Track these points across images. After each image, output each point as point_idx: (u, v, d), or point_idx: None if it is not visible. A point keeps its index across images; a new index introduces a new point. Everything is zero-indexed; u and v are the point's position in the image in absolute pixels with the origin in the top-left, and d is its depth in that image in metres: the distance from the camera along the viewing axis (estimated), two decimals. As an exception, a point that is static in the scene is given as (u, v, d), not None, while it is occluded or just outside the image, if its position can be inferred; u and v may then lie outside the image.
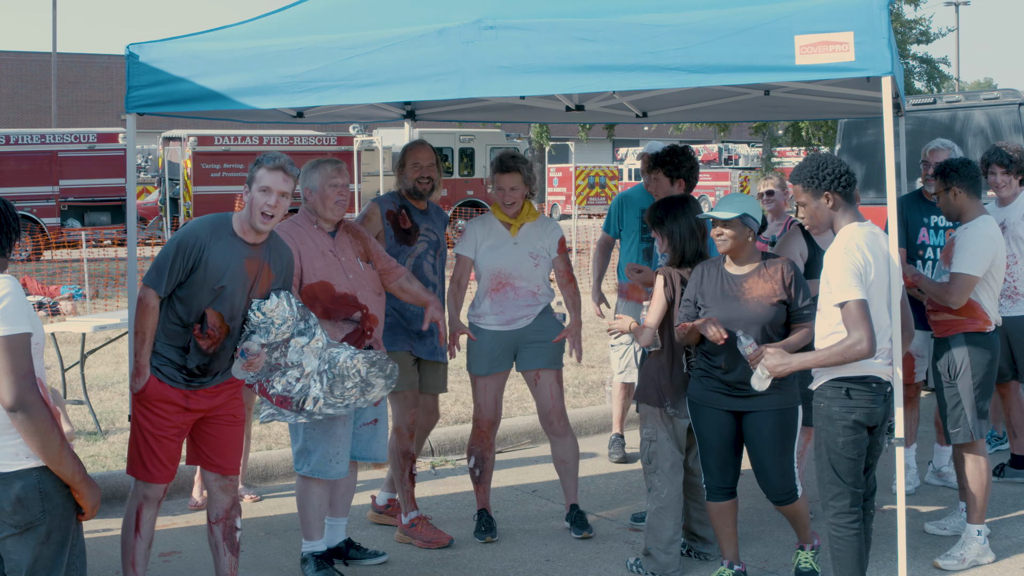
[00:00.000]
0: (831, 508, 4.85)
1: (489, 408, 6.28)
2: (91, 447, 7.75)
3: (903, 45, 29.62)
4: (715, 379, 5.24)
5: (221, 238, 4.83)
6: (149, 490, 4.96)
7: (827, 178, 4.81)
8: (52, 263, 21.81)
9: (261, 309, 4.89)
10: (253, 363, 4.90)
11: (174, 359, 4.86)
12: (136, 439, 4.92)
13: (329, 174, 5.56)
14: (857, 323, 4.57)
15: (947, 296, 5.75)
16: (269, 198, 4.83)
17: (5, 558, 3.61)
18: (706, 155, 44.51)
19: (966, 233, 5.78)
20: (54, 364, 9.15)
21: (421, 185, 6.21)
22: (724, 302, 5.20)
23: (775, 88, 6.89)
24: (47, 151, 25.71)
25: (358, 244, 5.69)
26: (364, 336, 5.54)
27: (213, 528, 5.11)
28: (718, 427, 5.26)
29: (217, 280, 4.79)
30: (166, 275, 4.77)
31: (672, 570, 5.57)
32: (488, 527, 6.28)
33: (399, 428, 6.15)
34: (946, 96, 10.75)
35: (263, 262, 4.92)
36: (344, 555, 5.85)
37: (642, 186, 7.74)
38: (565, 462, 6.33)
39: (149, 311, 4.80)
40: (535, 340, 6.19)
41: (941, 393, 5.87)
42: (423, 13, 5.16)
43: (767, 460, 5.21)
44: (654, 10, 4.74)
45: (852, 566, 4.84)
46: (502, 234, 6.20)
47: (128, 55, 5.42)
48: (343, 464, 5.57)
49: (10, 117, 46.34)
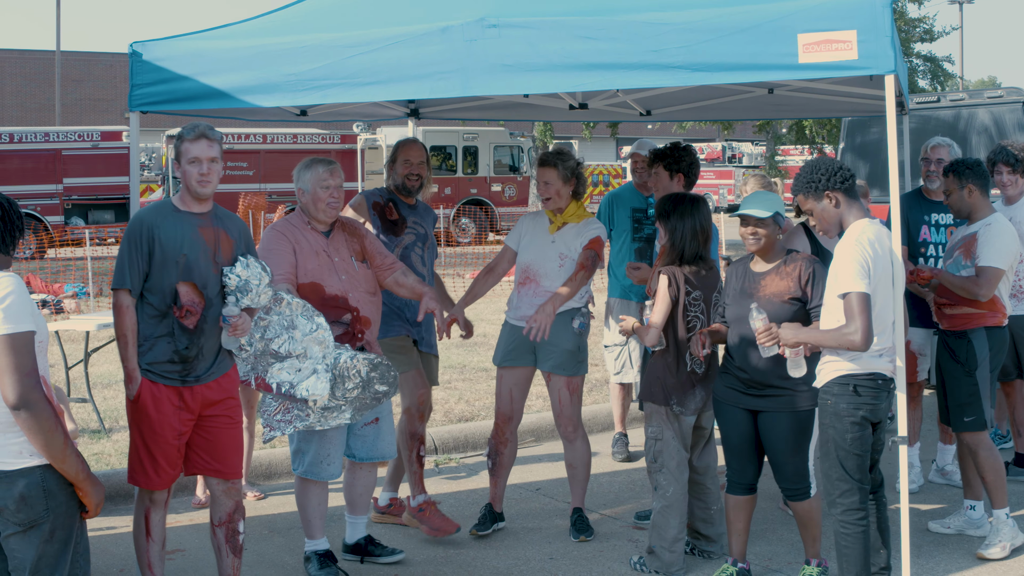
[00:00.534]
0: (839, 505, 4.87)
1: (504, 401, 6.24)
2: (95, 445, 7.76)
3: (906, 43, 29.58)
4: (733, 376, 5.29)
5: (166, 217, 4.84)
6: (154, 494, 4.94)
7: (822, 179, 4.85)
8: (56, 261, 21.83)
9: (235, 272, 4.91)
10: (237, 326, 4.89)
11: (165, 354, 4.81)
12: (136, 446, 4.87)
13: (320, 175, 5.53)
14: (855, 314, 4.60)
15: (976, 289, 5.84)
16: (200, 167, 4.84)
17: (9, 556, 3.61)
18: (710, 153, 44.52)
19: (989, 229, 5.88)
20: (58, 362, 9.16)
21: (410, 182, 6.25)
22: (740, 300, 5.25)
23: (778, 86, 6.89)
24: (51, 149, 25.75)
25: (354, 242, 5.68)
26: (355, 339, 5.53)
27: (216, 531, 5.10)
28: (736, 424, 5.30)
29: (178, 251, 4.78)
30: (128, 270, 4.77)
31: (676, 568, 5.58)
32: (482, 521, 6.26)
33: (408, 409, 6.13)
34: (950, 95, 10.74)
35: (217, 228, 4.92)
36: (363, 551, 5.89)
37: (632, 184, 7.73)
38: (573, 467, 6.31)
39: (125, 312, 4.78)
40: (550, 342, 6.07)
41: (956, 385, 5.90)
42: (426, 11, 5.16)
43: (780, 458, 5.24)
44: (657, 8, 4.74)
45: (859, 563, 4.85)
46: (543, 230, 6.17)
47: (132, 53, 5.43)
48: (334, 466, 5.57)
49: (14, 115, 46.39)
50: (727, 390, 5.34)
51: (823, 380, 4.89)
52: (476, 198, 29.21)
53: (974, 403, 5.86)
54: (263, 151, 26.89)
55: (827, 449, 4.88)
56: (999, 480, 5.87)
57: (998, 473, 5.87)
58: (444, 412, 8.66)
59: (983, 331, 5.92)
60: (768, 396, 5.19)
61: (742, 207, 5.27)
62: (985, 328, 5.93)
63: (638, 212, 7.53)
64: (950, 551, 5.93)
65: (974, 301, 5.90)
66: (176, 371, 4.83)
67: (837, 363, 4.83)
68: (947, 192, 6.03)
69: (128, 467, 4.95)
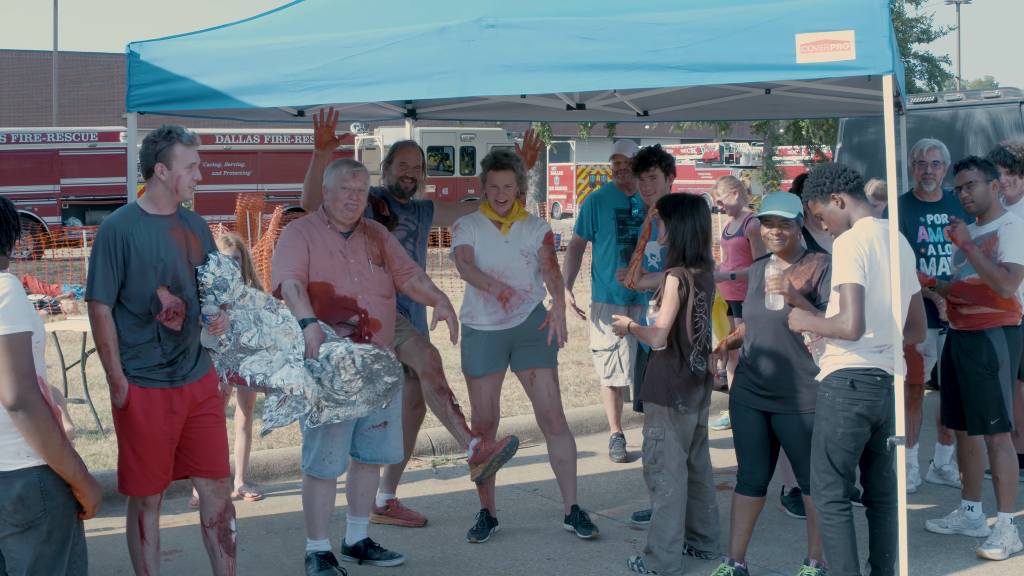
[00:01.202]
0: (823, 497, 4.93)
1: (486, 410, 6.24)
2: (92, 446, 7.75)
3: (904, 44, 29.60)
4: (746, 377, 5.34)
5: (136, 222, 4.77)
6: (147, 498, 4.91)
7: (826, 182, 4.94)
8: (53, 262, 21.82)
9: (209, 270, 4.91)
10: (217, 325, 4.90)
11: (153, 359, 4.76)
12: (126, 455, 4.81)
13: (343, 176, 5.54)
14: (847, 304, 4.68)
15: (1003, 284, 5.76)
16: (195, 173, 4.85)
17: (6, 557, 3.61)
18: (707, 154, 44.49)
19: (1011, 228, 5.86)
20: (55, 363, 9.15)
21: (404, 184, 6.27)
22: (756, 299, 5.32)
23: (776, 87, 6.89)
24: (48, 150, 25.70)
25: (373, 245, 5.68)
26: (362, 340, 5.54)
27: (208, 532, 5.06)
28: (749, 425, 5.34)
29: (155, 257, 4.73)
30: (102, 280, 4.68)
31: (673, 569, 5.58)
32: (480, 528, 6.24)
33: (425, 371, 6.01)
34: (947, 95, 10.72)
35: (185, 229, 4.90)
36: (362, 554, 5.89)
37: (612, 185, 7.71)
38: (564, 461, 6.31)
39: (103, 321, 4.70)
40: (529, 339, 6.14)
41: (979, 389, 5.87)
42: (424, 12, 5.16)
43: (797, 456, 5.29)
44: (655, 9, 4.74)
45: (846, 554, 4.91)
46: (493, 232, 6.16)
47: (129, 54, 5.43)
48: (336, 464, 5.58)
49: (11, 116, 46.31)
50: (741, 390, 5.38)
51: (824, 374, 4.97)
52: (474, 198, 29.14)
53: (998, 405, 5.84)
54: (260, 151, 26.85)
55: (818, 440, 4.95)
56: (1012, 484, 5.87)
57: (1012, 476, 5.88)
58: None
59: (1001, 331, 5.90)
60: (779, 398, 5.24)
61: (765, 208, 5.28)
62: (1003, 328, 5.90)
63: (622, 213, 7.52)
64: (948, 551, 5.93)
65: (992, 300, 5.87)
66: (165, 374, 4.79)
67: (837, 357, 4.89)
68: (970, 184, 5.92)
69: (118, 476, 4.87)
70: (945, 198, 6.82)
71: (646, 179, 6.59)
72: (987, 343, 5.87)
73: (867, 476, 5.14)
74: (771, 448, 5.37)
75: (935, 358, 6.88)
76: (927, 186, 6.79)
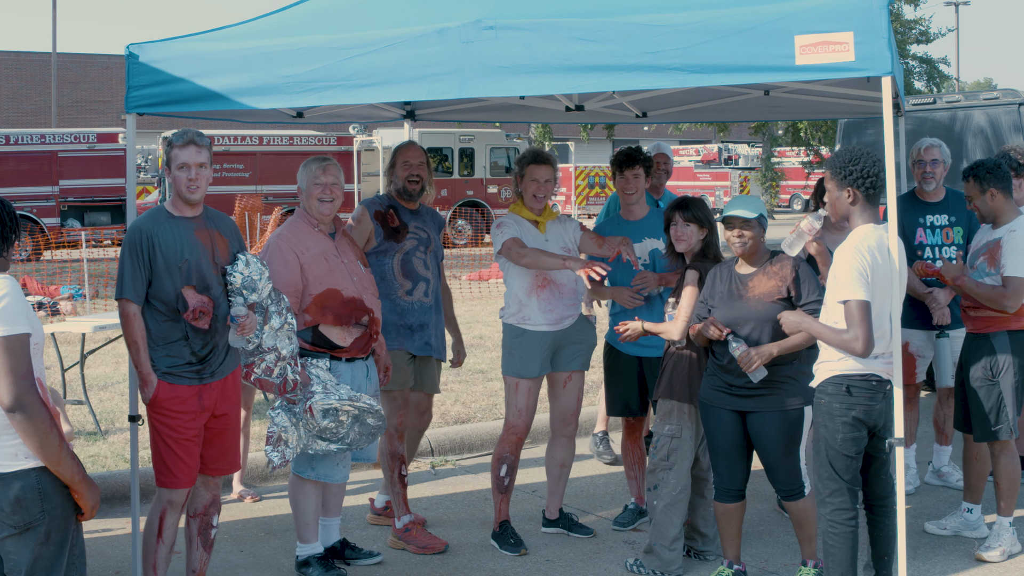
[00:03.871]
0: (828, 504, 4.89)
1: (530, 412, 6.11)
2: (91, 447, 7.75)
3: (903, 45, 29.64)
4: (720, 379, 5.27)
5: (162, 223, 4.92)
6: (173, 495, 4.98)
7: (853, 173, 4.82)
8: (52, 263, 21.80)
9: (237, 270, 4.98)
10: (245, 326, 4.96)
11: (182, 356, 4.89)
12: (159, 448, 4.93)
13: (313, 173, 5.56)
14: (856, 322, 4.63)
15: (1004, 300, 5.71)
16: (188, 172, 4.92)
17: (4, 558, 3.61)
18: (706, 155, 44.53)
19: (1014, 236, 5.76)
20: (54, 364, 9.15)
21: (411, 184, 6.16)
22: (729, 302, 5.24)
23: (775, 88, 6.89)
24: (47, 151, 25.68)
25: (355, 247, 5.72)
26: (370, 340, 5.55)
27: (190, 521, 5.16)
28: (723, 427, 5.28)
29: (179, 257, 4.86)
30: (130, 280, 4.86)
31: (675, 567, 5.58)
32: (519, 539, 6.11)
33: (387, 430, 6.00)
34: (946, 96, 10.73)
35: (211, 230, 5.01)
36: (340, 555, 5.85)
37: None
38: (565, 465, 6.30)
39: (132, 320, 4.86)
40: (575, 341, 6.10)
41: (983, 393, 5.82)
42: (423, 13, 5.15)
43: (772, 460, 5.24)
44: (654, 10, 4.74)
45: (845, 563, 4.88)
46: (533, 232, 6.07)
47: (128, 55, 5.42)
48: (346, 469, 5.65)
49: (10, 117, 46.31)
50: (713, 392, 5.31)
51: (818, 380, 4.91)
52: (472, 200, 29.20)
53: (1000, 412, 5.78)
54: (259, 153, 26.85)
55: (818, 448, 4.91)
56: (1012, 489, 5.85)
57: (1013, 482, 5.86)
58: (440, 414, 8.65)
59: (1005, 335, 5.81)
60: (756, 396, 5.18)
61: (727, 209, 5.28)
62: (1009, 332, 5.82)
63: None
64: (946, 552, 5.93)
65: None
66: (195, 371, 4.92)
67: (832, 363, 4.85)
68: (969, 197, 5.90)
69: (154, 471, 5.00)
70: (947, 197, 6.79)
71: (629, 176, 6.53)
72: (989, 346, 5.82)
73: (866, 480, 5.11)
74: (747, 450, 5.32)
75: (928, 359, 6.88)
76: (927, 185, 6.77)
